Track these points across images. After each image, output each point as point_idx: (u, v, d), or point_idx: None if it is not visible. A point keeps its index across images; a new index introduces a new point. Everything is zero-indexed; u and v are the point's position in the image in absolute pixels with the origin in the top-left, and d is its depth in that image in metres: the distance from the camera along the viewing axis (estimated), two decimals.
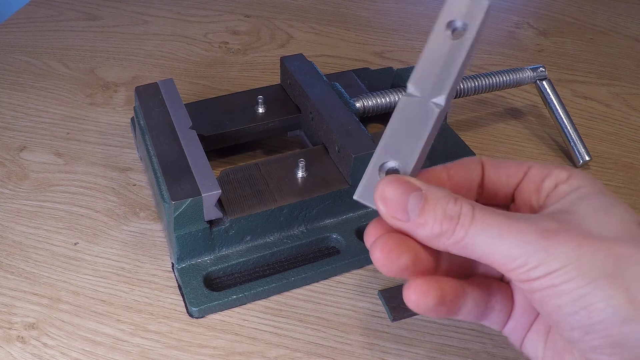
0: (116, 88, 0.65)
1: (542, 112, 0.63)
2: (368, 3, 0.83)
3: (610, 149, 0.59)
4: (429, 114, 0.29)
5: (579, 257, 0.26)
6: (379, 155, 0.29)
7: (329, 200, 0.47)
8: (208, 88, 0.66)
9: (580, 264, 0.26)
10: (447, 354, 0.41)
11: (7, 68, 0.68)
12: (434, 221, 0.28)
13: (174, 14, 0.79)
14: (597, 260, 0.26)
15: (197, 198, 0.42)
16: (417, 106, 0.29)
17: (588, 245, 0.27)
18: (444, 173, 0.32)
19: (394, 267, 0.29)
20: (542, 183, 0.31)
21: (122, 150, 0.57)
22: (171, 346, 0.42)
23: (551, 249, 0.27)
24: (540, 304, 0.28)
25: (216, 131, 0.52)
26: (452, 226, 0.28)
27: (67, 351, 0.41)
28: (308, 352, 0.41)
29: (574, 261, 0.26)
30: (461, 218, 0.28)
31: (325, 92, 0.52)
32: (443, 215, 0.28)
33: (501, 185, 0.33)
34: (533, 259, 0.27)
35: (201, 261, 0.45)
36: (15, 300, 0.44)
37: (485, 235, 0.27)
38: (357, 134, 0.47)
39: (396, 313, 0.43)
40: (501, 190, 0.33)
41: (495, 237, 0.27)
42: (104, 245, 0.48)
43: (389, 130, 0.29)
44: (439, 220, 0.28)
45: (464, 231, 0.27)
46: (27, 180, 0.54)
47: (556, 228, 0.27)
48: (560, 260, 0.26)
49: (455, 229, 0.28)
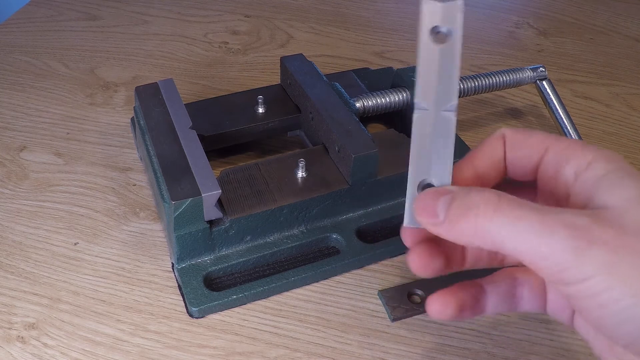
0: (116, 88, 0.65)
1: (542, 112, 0.63)
2: (368, 3, 0.83)
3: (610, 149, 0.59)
4: (447, 123, 0.30)
5: (617, 263, 0.24)
6: (413, 177, 0.30)
7: (329, 200, 0.47)
8: (208, 88, 0.66)
9: (619, 270, 0.24)
10: (447, 354, 0.41)
11: (7, 68, 0.68)
12: (460, 216, 0.27)
13: (174, 14, 0.79)
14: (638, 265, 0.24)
15: (197, 198, 0.42)
16: (433, 119, 0.30)
17: (626, 248, 0.24)
18: (470, 167, 0.31)
19: (430, 270, 0.31)
20: (561, 170, 0.29)
21: (122, 150, 0.57)
22: (171, 346, 0.42)
23: (582, 251, 0.24)
24: (579, 310, 0.26)
25: (216, 131, 0.52)
26: (473, 216, 0.27)
27: (67, 351, 0.41)
28: (308, 352, 0.41)
29: (611, 267, 0.24)
30: (482, 207, 0.27)
31: (325, 92, 0.52)
32: (467, 207, 0.27)
33: (523, 165, 0.31)
34: (563, 260, 0.25)
35: (201, 261, 0.45)
36: (15, 300, 0.44)
37: (511, 227, 0.26)
38: (357, 134, 0.47)
39: (396, 313, 0.43)
40: (525, 167, 0.31)
41: (521, 231, 0.25)
42: (104, 245, 0.48)
43: (414, 150, 0.30)
44: (463, 213, 0.27)
45: (488, 220, 0.26)
46: (27, 180, 0.54)
47: (588, 225, 0.25)
48: (593, 265, 0.24)
49: (476, 219, 0.27)
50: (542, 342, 0.42)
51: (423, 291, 0.45)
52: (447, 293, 0.32)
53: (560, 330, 0.43)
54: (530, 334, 0.43)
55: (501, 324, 0.43)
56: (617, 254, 0.24)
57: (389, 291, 0.45)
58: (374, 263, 0.47)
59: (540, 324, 0.43)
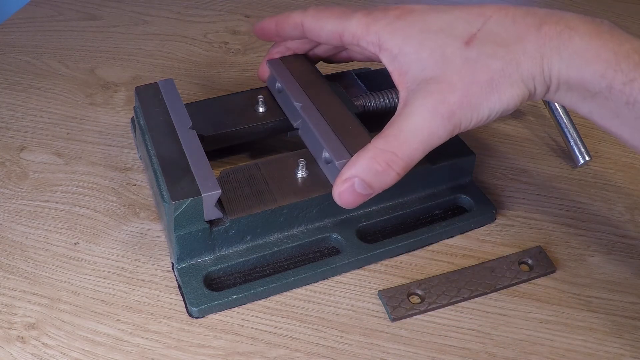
0: (116, 88, 0.65)
1: (542, 112, 0.63)
2: (368, 3, 0.83)
3: (610, 149, 0.59)
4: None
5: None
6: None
7: (329, 200, 0.47)
8: (208, 88, 0.66)
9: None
10: (447, 354, 0.41)
11: (7, 68, 0.68)
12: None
13: (174, 14, 0.79)
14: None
15: (197, 198, 0.42)
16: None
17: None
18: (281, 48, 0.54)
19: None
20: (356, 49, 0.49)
21: (122, 150, 0.57)
22: (171, 346, 0.42)
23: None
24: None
25: (216, 131, 0.52)
26: None
27: (67, 351, 0.41)
28: (308, 352, 0.41)
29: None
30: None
31: (325, 92, 0.52)
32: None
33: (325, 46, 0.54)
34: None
35: (201, 261, 0.45)
36: (15, 300, 0.44)
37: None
38: (357, 134, 0.47)
39: (396, 313, 0.43)
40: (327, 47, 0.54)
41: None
42: (104, 245, 0.48)
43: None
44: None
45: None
46: (27, 180, 0.54)
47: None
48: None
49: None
50: (542, 342, 0.42)
51: (423, 291, 0.45)
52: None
53: (560, 330, 0.43)
54: (530, 334, 0.43)
55: (501, 324, 0.43)
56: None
57: (389, 291, 0.45)
58: (374, 263, 0.47)
59: (540, 324, 0.43)
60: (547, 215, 0.52)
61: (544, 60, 0.38)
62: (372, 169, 0.40)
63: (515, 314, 0.44)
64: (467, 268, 0.47)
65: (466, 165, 0.52)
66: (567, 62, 0.37)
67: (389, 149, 0.40)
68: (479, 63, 0.39)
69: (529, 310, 0.44)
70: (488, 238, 0.50)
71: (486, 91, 0.38)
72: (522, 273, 0.46)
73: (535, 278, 0.46)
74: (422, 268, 0.47)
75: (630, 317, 0.44)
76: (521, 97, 0.39)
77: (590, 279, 0.46)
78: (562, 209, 0.52)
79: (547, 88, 0.39)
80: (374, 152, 0.40)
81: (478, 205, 0.51)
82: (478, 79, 0.38)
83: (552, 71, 0.38)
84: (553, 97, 0.39)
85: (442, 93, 0.39)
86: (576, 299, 0.45)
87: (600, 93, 0.36)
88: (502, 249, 0.49)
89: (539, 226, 0.51)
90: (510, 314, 0.44)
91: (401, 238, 0.48)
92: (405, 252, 0.48)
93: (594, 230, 0.50)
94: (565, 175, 0.56)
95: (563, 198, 0.53)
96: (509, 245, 0.49)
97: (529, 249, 0.48)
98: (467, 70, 0.39)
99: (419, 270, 0.47)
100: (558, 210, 0.52)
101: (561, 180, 0.55)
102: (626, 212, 0.52)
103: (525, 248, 0.48)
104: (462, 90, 0.38)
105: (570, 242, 0.49)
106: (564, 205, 0.53)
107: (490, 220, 0.51)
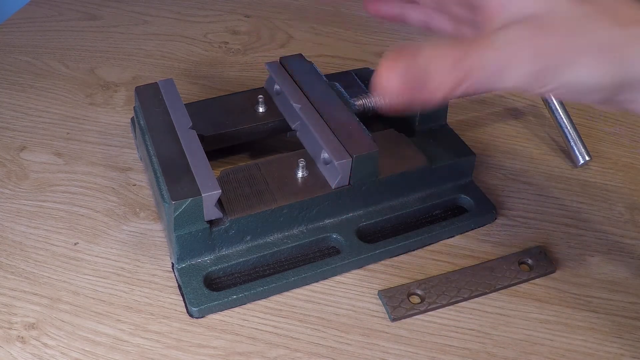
0: (116, 88, 0.65)
1: (542, 112, 0.63)
2: None
3: (610, 149, 0.59)
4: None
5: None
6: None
7: (329, 200, 0.47)
8: (208, 88, 0.66)
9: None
10: (447, 354, 0.41)
11: (7, 68, 0.68)
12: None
13: (174, 14, 0.79)
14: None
15: (197, 198, 0.42)
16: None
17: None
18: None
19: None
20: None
21: (122, 150, 0.57)
22: (171, 346, 0.42)
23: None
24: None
25: (216, 131, 0.52)
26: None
27: (67, 351, 0.41)
28: (308, 352, 0.41)
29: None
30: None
31: (325, 92, 0.52)
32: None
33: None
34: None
35: (201, 261, 0.45)
36: (15, 300, 0.44)
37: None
38: (357, 134, 0.47)
39: (396, 313, 0.43)
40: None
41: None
42: (104, 245, 0.48)
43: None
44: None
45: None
46: (27, 180, 0.54)
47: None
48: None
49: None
50: (542, 342, 0.42)
51: (423, 291, 0.45)
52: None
53: (560, 330, 0.43)
54: (530, 334, 0.43)
55: (501, 324, 0.43)
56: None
57: (389, 291, 0.45)
58: (374, 263, 0.47)
59: (540, 324, 0.43)
60: (547, 215, 0.52)
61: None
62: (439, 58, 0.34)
63: (515, 314, 0.44)
64: (467, 268, 0.47)
65: (466, 165, 0.52)
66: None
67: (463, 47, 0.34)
68: (588, 24, 0.34)
69: (529, 310, 0.44)
70: (488, 238, 0.50)
71: (581, 54, 0.34)
72: (522, 273, 0.46)
73: (535, 278, 0.46)
74: (422, 268, 0.47)
75: (630, 317, 0.44)
76: (610, 82, 0.34)
77: (590, 279, 0.46)
78: (562, 209, 0.52)
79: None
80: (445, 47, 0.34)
81: (478, 205, 0.51)
82: (579, 40, 0.34)
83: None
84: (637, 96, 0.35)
85: (542, 28, 0.34)
86: (576, 299, 0.45)
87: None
88: (502, 249, 0.49)
89: (539, 226, 0.51)
90: (510, 314, 0.44)
91: (401, 238, 0.48)
92: (405, 252, 0.48)
93: (594, 230, 0.50)
94: (565, 175, 0.56)
95: (563, 198, 0.53)
96: (509, 245, 0.49)
97: (529, 249, 0.48)
98: (572, 24, 0.34)
99: (419, 270, 0.47)
100: (558, 210, 0.52)
101: (561, 180, 0.55)
102: (626, 212, 0.52)
103: (525, 248, 0.48)
104: (561, 37, 0.34)
105: (570, 242, 0.49)
106: (564, 205, 0.53)
107: (490, 220, 0.51)
